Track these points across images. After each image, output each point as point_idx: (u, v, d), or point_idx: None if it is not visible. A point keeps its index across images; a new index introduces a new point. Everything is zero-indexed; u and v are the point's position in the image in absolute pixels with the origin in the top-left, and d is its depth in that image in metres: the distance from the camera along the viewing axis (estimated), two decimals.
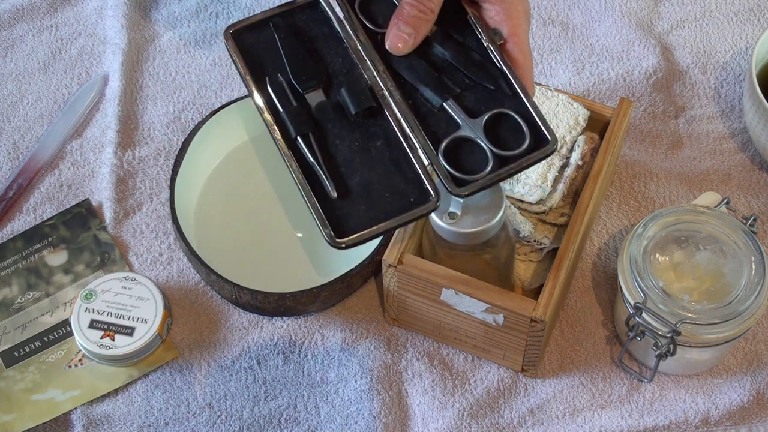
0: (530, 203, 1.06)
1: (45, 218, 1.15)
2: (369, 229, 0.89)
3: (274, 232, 1.13)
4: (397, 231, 1.01)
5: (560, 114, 1.08)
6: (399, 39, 0.93)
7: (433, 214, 0.95)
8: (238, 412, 1.06)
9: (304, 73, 0.94)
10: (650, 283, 0.98)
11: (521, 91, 0.93)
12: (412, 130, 0.92)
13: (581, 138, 1.08)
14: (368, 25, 0.96)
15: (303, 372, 1.07)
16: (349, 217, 0.90)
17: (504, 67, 0.94)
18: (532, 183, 1.04)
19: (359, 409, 1.05)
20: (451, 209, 0.95)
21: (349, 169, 0.92)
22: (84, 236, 1.14)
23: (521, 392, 1.06)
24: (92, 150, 1.20)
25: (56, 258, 1.13)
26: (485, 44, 0.95)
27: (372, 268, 1.09)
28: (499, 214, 0.95)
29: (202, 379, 1.07)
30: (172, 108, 1.22)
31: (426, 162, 0.91)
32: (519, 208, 1.06)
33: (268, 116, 0.93)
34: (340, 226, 0.89)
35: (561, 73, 1.23)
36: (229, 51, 0.95)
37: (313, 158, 0.91)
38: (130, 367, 1.07)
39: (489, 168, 0.91)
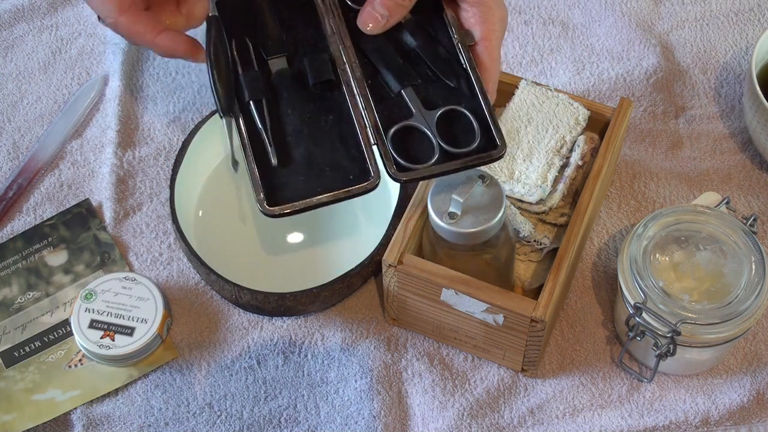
0: (530, 203, 1.06)
1: (45, 218, 1.15)
2: (303, 201, 0.90)
3: (275, 232, 1.13)
4: (397, 231, 1.01)
5: (560, 114, 1.08)
6: (371, 18, 0.94)
7: (433, 214, 0.95)
8: (238, 412, 1.06)
9: (271, 39, 0.96)
10: (650, 283, 0.98)
11: (480, 93, 0.94)
12: (365, 109, 0.93)
13: (581, 138, 1.08)
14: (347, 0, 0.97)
15: (303, 372, 1.07)
16: (285, 187, 0.90)
17: (468, 68, 0.95)
18: (532, 183, 1.04)
19: (359, 409, 1.05)
20: (451, 209, 0.95)
21: (295, 138, 0.92)
22: (84, 236, 1.14)
23: (521, 392, 1.06)
24: (92, 150, 1.20)
25: (56, 258, 1.13)
26: (455, 42, 0.96)
27: (372, 268, 1.09)
28: (499, 214, 0.95)
29: (202, 379, 1.07)
30: (172, 108, 1.22)
31: (372, 141, 0.92)
32: (519, 208, 1.06)
33: (223, 80, 0.94)
34: (275, 194, 0.90)
35: (561, 73, 1.23)
36: (209, 18, 0.96)
37: (262, 124, 0.92)
38: (130, 367, 1.07)
39: (433, 160, 0.91)
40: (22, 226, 1.15)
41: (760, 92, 1.10)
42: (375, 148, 0.92)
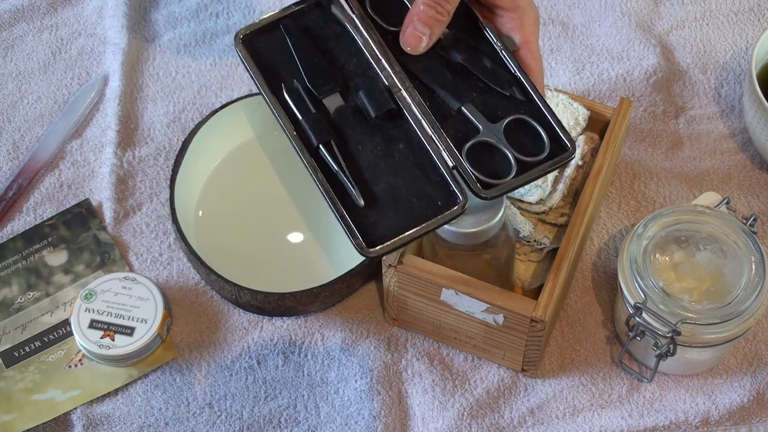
0: (530, 203, 1.06)
1: (45, 218, 1.15)
2: (399, 237, 0.88)
3: (275, 232, 1.13)
4: None
5: (560, 114, 1.08)
6: (414, 38, 0.92)
7: None
8: (238, 412, 1.06)
9: (320, 76, 0.93)
10: (650, 283, 0.98)
11: (537, 97, 0.93)
12: (435, 132, 0.91)
13: (581, 138, 1.08)
14: (380, 22, 0.95)
15: (303, 372, 1.07)
16: (377, 225, 0.89)
17: (519, 74, 0.93)
18: (532, 183, 1.04)
19: (359, 409, 1.05)
20: None
21: (373, 174, 0.90)
22: (84, 236, 1.14)
23: (521, 392, 1.06)
24: (92, 150, 1.20)
25: (56, 258, 1.13)
26: (499, 50, 0.94)
27: (372, 268, 1.09)
28: (499, 215, 0.95)
29: (202, 379, 1.07)
30: (172, 108, 1.22)
31: (451, 164, 0.90)
32: (519, 208, 1.06)
33: (288, 125, 0.91)
34: (369, 234, 0.88)
35: (561, 73, 1.23)
36: (241, 58, 0.93)
37: (337, 166, 0.90)
38: (130, 367, 1.07)
39: (513, 173, 0.90)
40: (22, 226, 1.15)
41: (760, 92, 1.10)
42: (455, 170, 0.90)
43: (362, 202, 0.89)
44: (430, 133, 0.91)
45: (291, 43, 0.94)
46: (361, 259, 1.07)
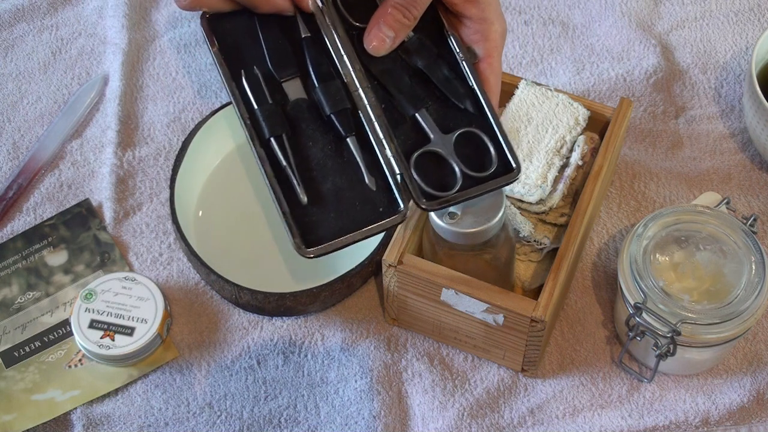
0: (530, 203, 1.06)
1: (45, 218, 1.15)
2: (338, 239, 0.87)
3: (275, 232, 1.13)
4: (396, 231, 1.01)
5: (560, 114, 1.08)
6: (378, 39, 0.92)
7: (433, 214, 0.95)
8: (238, 412, 1.06)
9: (283, 60, 0.92)
10: (650, 283, 0.98)
11: (491, 113, 0.92)
12: (386, 137, 0.91)
13: (581, 138, 1.08)
14: (348, 17, 0.94)
15: (303, 372, 1.07)
16: (318, 226, 0.88)
17: (476, 87, 0.93)
18: (532, 183, 1.04)
19: (359, 409, 1.05)
20: (452, 209, 0.95)
21: (321, 173, 0.90)
22: (84, 236, 1.14)
23: (521, 392, 1.06)
24: (92, 150, 1.20)
25: (56, 258, 1.13)
26: (459, 60, 0.94)
27: (372, 268, 1.09)
28: (499, 215, 0.95)
29: (202, 379, 1.07)
30: (172, 108, 1.22)
31: (398, 171, 0.90)
32: (519, 208, 1.06)
33: (244, 113, 0.90)
34: (309, 234, 0.87)
35: (561, 73, 1.23)
36: (204, 38, 0.92)
37: (286, 161, 0.89)
38: (130, 367, 1.07)
39: (458, 187, 0.90)
40: (22, 226, 1.15)
41: (760, 92, 1.10)
42: (399, 177, 0.90)
43: (305, 200, 0.88)
44: (381, 137, 0.91)
45: (258, 23, 0.93)
46: (362, 258, 1.07)
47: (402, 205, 0.89)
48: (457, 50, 0.94)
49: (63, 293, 1.11)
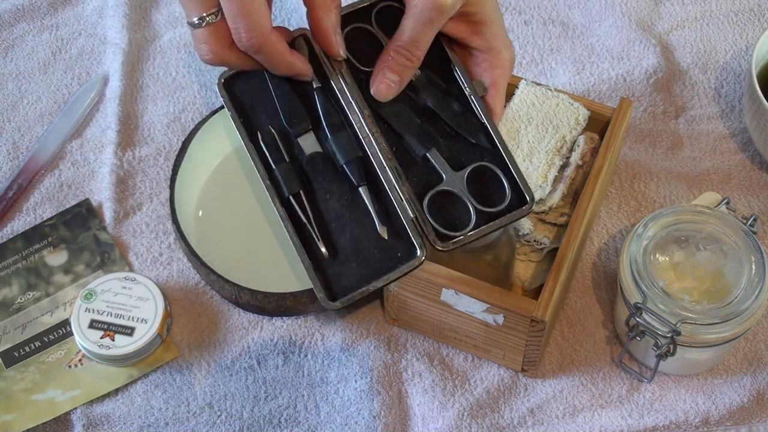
0: None
1: (45, 218, 1.15)
2: (360, 290, 0.88)
3: (274, 231, 1.13)
4: None
5: (560, 114, 1.08)
6: (384, 85, 0.91)
7: None
8: (238, 412, 1.06)
9: (295, 116, 0.92)
10: (650, 283, 0.98)
11: (501, 146, 0.92)
12: (398, 181, 0.91)
13: (581, 138, 1.08)
14: (354, 62, 0.93)
15: (303, 372, 1.07)
16: (341, 277, 0.89)
17: (486, 121, 0.92)
18: (533, 183, 1.04)
19: (359, 409, 1.05)
20: None
21: (339, 225, 0.90)
22: (84, 236, 1.14)
23: (521, 392, 1.06)
24: (92, 150, 1.20)
25: (56, 258, 1.13)
26: (467, 94, 0.93)
27: None
28: None
29: (202, 379, 1.07)
30: (172, 108, 1.22)
31: (411, 215, 0.90)
32: None
33: (264, 174, 0.91)
34: (332, 286, 0.89)
35: (561, 73, 1.23)
36: (224, 102, 0.93)
37: (305, 218, 0.90)
38: (130, 367, 1.07)
39: (472, 224, 0.90)
40: (22, 226, 1.15)
41: (759, 92, 1.10)
42: (415, 221, 0.90)
43: (326, 254, 0.89)
44: (394, 182, 0.90)
45: (268, 78, 0.93)
46: None
47: (419, 251, 0.89)
48: (465, 85, 0.93)
49: (63, 293, 1.11)
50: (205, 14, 0.85)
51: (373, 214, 0.90)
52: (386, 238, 0.90)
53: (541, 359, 1.06)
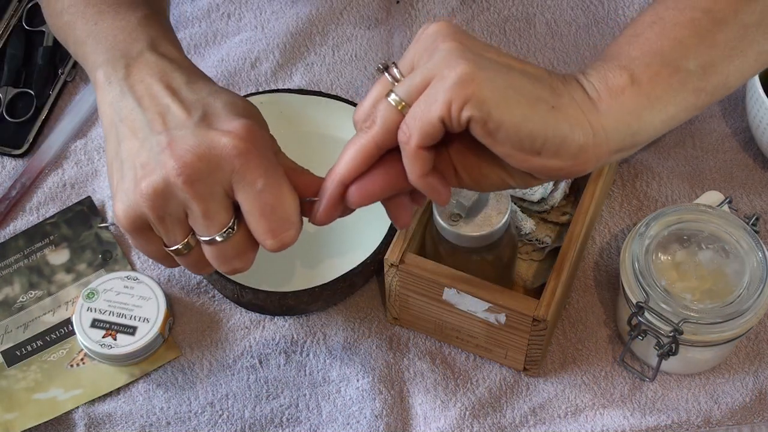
0: (532, 202, 1.06)
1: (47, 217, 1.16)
2: None
3: None
4: (398, 230, 1.01)
5: None
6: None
7: (437, 216, 0.95)
8: (239, 411, 1.06)
9: None
10: (652, 283, 0.98)
11: None
12: None
13: None
14: None
15: (305, 371, 1.07)
16: None
17: None
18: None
19: (361, 408, 1.05)
20: (456, 211, 0.95)
21: None
22: (86, 235, 1.14)
23: (523, 391, 1.06)
24: (96, 149, 1.20)
25: (58, 257, 1.13)
26: None
27: (374, 267, 1.09)
28: (504, 218, 0.95)
29: (204, 379, 1.07)
30: None
31: None
32: (520, 206, 1.06)
33: None
34: None
35: (563, 72, 1.23)
36: None
37: None
38: (131, 367, 1.07)
39: None
40: (25, 226, 1.15)
41: (762, 91, 1.10)
42: None
43: None
44: None
45: None
46: (364, 258, 1.07)
47: None
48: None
49: (65, 292, 1.11)
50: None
51: None
52: None
53: (543, 358, 1.06)
